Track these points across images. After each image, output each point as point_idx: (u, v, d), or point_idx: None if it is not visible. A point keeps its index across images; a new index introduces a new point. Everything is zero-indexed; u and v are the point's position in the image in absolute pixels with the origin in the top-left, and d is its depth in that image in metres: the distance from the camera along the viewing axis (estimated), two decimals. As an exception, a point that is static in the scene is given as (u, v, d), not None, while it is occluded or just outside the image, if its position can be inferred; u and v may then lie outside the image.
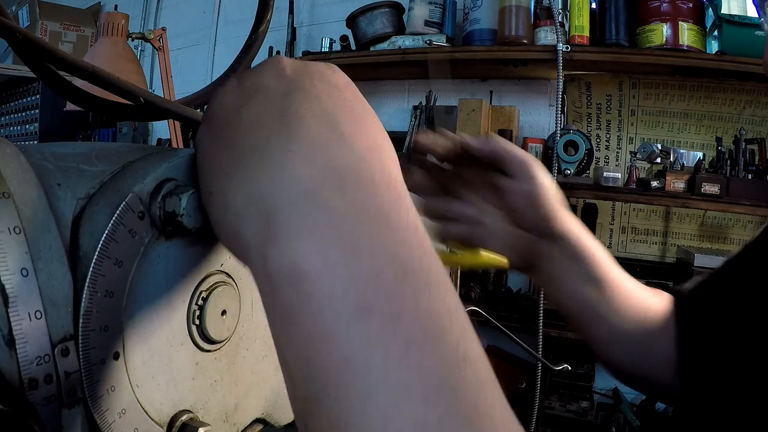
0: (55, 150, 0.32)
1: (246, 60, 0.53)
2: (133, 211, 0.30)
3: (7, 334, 0.25)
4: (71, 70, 0.37)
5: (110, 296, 0.29)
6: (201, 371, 0.36)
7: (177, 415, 0.34)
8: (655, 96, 2.17)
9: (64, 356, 0.27)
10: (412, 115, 2.34)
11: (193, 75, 3.18)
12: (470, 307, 0.73)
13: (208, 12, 3.25)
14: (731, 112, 2.10)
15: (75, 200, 0.30)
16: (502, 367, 2.19)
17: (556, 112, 1.95)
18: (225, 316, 0.37)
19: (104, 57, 1.69)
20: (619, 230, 2.27)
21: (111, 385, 0.29)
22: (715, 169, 1.86)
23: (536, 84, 2.34)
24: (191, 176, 0.34)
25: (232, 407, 0.39)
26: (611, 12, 1.94)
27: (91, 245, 0.29)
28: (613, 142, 2.24)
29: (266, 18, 0.53)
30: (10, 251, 0.25)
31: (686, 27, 1.85)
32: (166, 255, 0.33)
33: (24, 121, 3.43)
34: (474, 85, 2.44)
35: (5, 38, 0.36)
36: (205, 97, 0.54)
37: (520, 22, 2.02)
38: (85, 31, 3.39)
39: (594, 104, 2.25)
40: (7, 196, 0.26)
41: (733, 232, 2.14)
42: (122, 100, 0.41)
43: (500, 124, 2.21)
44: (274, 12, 0.56)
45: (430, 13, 2.23)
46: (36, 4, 3.20)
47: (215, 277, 0.37)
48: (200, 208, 0.32)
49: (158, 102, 0.41)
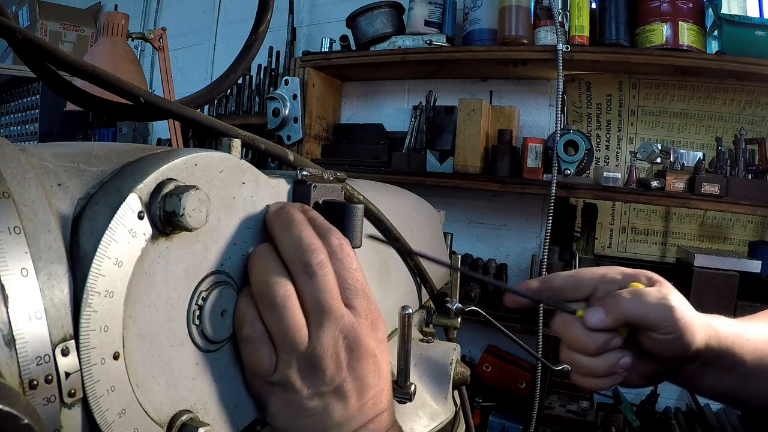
0: (55, 150, 0.32)
1: (246, 60, 0.53)
2: (133, 211, 0.30)
3: (7, 334, 0.25)
4: (71, 70, 0.37)
5: (110, 296, 0.29)
6: (201, 371, 0.36)
7: (177, 415, 0.34)
8: (655, 96, 2.17)
9: (64, 356, 0.27)
10: (412, 115, 2.34)
11: (193, 75, 3.18)
12: (470, 307, 0.73)
13: (208, 12, 3.25)
14: (731, 112, 2.10)
15: (75, 200, 0.30)
16: (502, 367, 2.19)
17: (556, 112, 1.95)
18: (225, 316, 0.37)
19: (104, 57, 1.69)
20: (619, 230, 2.27)
21: (111, 385, 0.29)
22: (715, 169, 1.86)
23: (536, 84, 2.34)
24: (191, 176, 0.34)
25: (232, 407, 0.39)
26: (611, 12, 1.94)
27: (91, 245, 0.29)
28: (613, 142, 2.24)
29: (266, 18, 0.53)
30: (10, 251, 0.25)
31: (686, 27, 1.85)
32: (166, 255, 0.33)
33: (24, 121, 3.43)
34: (474, 85, 2.44)
35: (5, 38, 0.36)
36: (205, 97, 0.54)
37: (520, 22, 2.02)
38: (85, 31, 3.39)
39: (594, 104, 2.25)
40: (7, 196, 0.26)
41: (733, 232, 2.14)
42: (122, 100, 0.41)
43: (500, 124, 2.21)
44: (274, 12, 0.56)
45: (430, 13, 2.23)
46: (36, 4, 3.20)
47: (215, 277, 0.37)
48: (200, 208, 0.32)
49: (158, 102, 0.41)
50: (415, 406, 0.58)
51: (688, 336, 0.52)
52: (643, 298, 0.52)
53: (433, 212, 0.86)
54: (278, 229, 0.40)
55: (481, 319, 0.75)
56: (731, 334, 0.56)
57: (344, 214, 0.44)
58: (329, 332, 0.38)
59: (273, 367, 0.38)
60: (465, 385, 0.68)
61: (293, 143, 2.40)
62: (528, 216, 2.36)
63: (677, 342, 0.52)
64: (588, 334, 0.53)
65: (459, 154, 2.11)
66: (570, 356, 0.55)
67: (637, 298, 0.52)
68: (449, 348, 0.66)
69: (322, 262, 0.38)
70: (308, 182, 0.44)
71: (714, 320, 0.56)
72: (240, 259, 0.39)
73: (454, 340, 0.77)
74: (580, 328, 0.53)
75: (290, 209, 0.40)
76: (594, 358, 0.54)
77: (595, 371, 0.54)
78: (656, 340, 0.52)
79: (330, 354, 0.38)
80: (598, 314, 0.53)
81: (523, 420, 2.01)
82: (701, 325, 0.54)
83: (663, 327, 0.51)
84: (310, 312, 0.38)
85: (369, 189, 0.63)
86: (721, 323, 0.57)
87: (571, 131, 1.91)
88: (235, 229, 0.38)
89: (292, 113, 2.38)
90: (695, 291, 1.77)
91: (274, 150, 0.46)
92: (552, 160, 1.92)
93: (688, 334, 0.52)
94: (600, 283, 0.56)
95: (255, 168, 0.40)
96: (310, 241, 0.39)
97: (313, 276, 0.38)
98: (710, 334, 0.54)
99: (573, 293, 0.57)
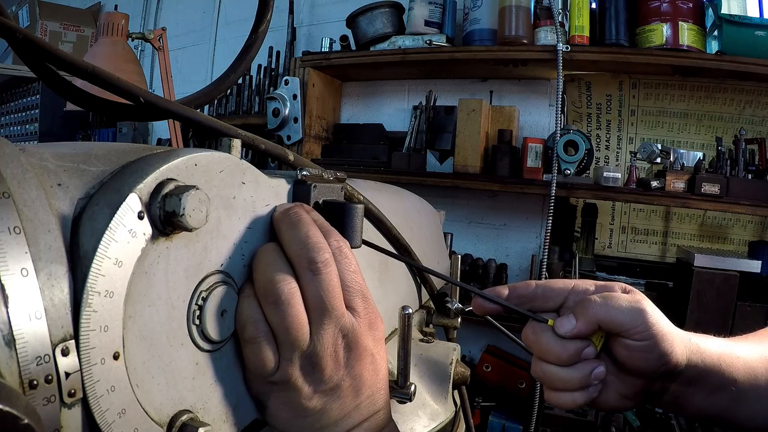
0: (55, 150, 0.32)
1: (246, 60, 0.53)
2: (133, 211, 0.30)
3: (7, 334, 0.25)
4: (71, 70, 0.37)
5: (110, 296, 0.29)
6: (201, 371, 0.36)
7: (177, 415, 0.34)
8: (655, 96, 2.17)
9: (64, 356, 0.27)
10: (412, 115, 2.34)
11: (193, 75, 3.18)
12: (470, 307, 0.73)
13: (208, 12, 3.26)
14: (731, 112, 2.10)
15: (75, 200, 0.30)
16: (502, 367, 2.19)
17: (556, 112, 1.95)
18: (225, 316, 0.37)
19: (104, 57, 1.69)
20: (619, 230, 2.27)
21: (111, 385, 0.29)
22: (715, 169, 1.86)
23: (536, 84, 2.34)
24: (191, 176, 0.34)
25: (232, 407, 0.39)
26: (611, 12, 1.94)
27: (91, 245, 0.29)
28: (613, 142, 2.24)
29: (266, 18, 0.53)
30: (10, 251, 0.25)
31: (686, 27, 1.85)
32: (166, 255, 0.33)
33: (24, 121, 3.43)
34: (474, 85, 2.44)
35: (5, 38, 0.36)
36: (205, 97, 0.54)
37: (520, 22, 2.02)
38: (85, 31, 3.39)
39: (594, 104, 2.25)
40: (7, 196, 0.26)
41: (733, 232, 2.14)
42: (122, 100, 0.41)
43: (500, 124, 2.21)
44: (274, 12, 0.56)
45: (430, 13, 2.23)
46: (36, 4, 3.20)
47: (215, 277, 0.37)
48: (200, 208, 0.32)
49: (158, 102, 0.41)
50: (415, 406, 0.58)
51: (665, 345, 0.50)
52: (613, 301, 0.51)
53: (433, 212, 0.86)
54: (286, 227, 0.40)
55: (481, 319, 0.75)
56: (717, 352, 0.54)
57: (344, 214, 0.44)
58: (329, 331, 0.39)
59: (275, 367, 0.38)
60: (465, 385, 0.68)
61: (293, 143, 2.40)
62: (528, 216, 2.36)
63: (653, 351, 0.50)
64: (560, 342, 0.51)
65: (459, 154, 2.11)
66: (541, 368, 0.53)
67: (608, 302, 0.51)
68: (449, 348, 0.66)
69: (327, 260, 0.39)
70: (308, 182, 0.44)
71: (696, 337, 0.55)
72: (240, 259, 0.39)
73: (454, 340, 0.77)
74: (551, 337, 0.52)
75: (298, 209, 0.41)
76: (567, 369, 0.52)
77: (568, 383, 0.52)
78: (631, 347, 0.51)
79: (329, 353, 0.39)
80: (569, 321, 0.51)
81: (523, 420, 2.01)
82: (680, 339, 0.52)
83: (636, 331, 0.50)
84: (311, 310, 0.38)
85: (369, 189, 0.63)
86: (704, 340, 0.55)
87: (571, 131, 1.91)
88: (235, 229, 0.38)
89: (292, 113, 2.39)
90: (695, 291, 1.77)
91: (274, 150, 0.46)
92: (552, 160, 1.92)
93: (665, 342, 0.50)
94: (571, 293, 0.54)
95: (255, 168, 0.40)
96: (316, 240, 0.39)
97: (317, 273, 0.38)
98: (692, 350, 0.53)
99: (542, 303, 0.55)
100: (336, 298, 0.39)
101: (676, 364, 0.51)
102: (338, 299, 0.39)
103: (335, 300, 0.39)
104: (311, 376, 0.39)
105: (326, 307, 0.38)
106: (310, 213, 0.42)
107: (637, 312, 0.50)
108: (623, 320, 0.50)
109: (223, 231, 0.37)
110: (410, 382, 0.52)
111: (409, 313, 0.51)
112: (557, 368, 0.52)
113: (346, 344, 0.40)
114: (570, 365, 0.52)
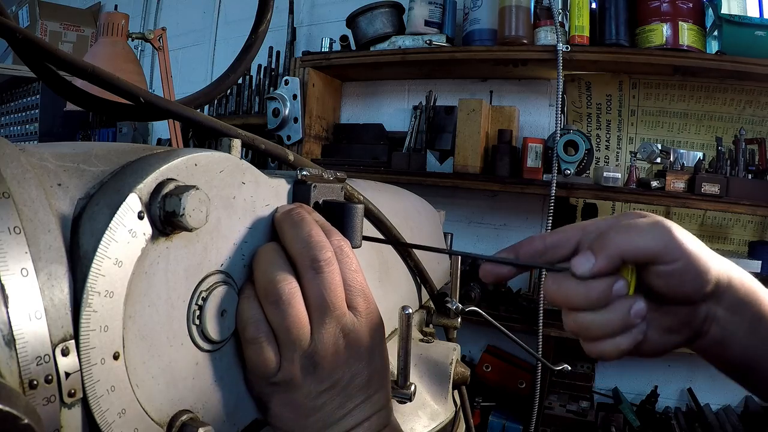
0: (55, 150, 0.32)
1: (246, 60, 0.53)
2: (133, 211, 0.30)
3: (7, 334, 0.25)
4: (71, 70, 0.37)
5: (110, 296, 0.29)
6: (201, 371, 0.36)
7: (177, 415, 0.34)
8: (655, 96, 2.17)
9: (64, 356, 0.27)
10: (412, 115, 2.34)
11: (193, 75, 3.18)
12: (470, 307, 0.73)
13: (208, 12, 3.25)
14: (731, 112, 2.10)
15: (75, 200, 0.30)
16: (502, 367, 2.19)
17: (556, 112, 1.95)
18: (225, 316, 0.37)
19: (104, 57, 1.69)
20: (619, 230, 2.27)
21: (111, 385, 0.29)
22: (715, 169, 1.86)
23: (536, 84, 2.34)
24: (191, 176, 0.34)
25: (232, 407, 0.39)
26: (611, 12, 1.94)
27: (91, 245, 0.29)
28: (613, 142, 2.24)
29: (266, 18, 0.53)
30: (10, 251, 0.25)
31: (686, 27, 1.85)
32: (166, 255, 0.33)
33: (24, 121, 3.43)
34: (474, 85, 2.44)
35: (5, 38, 0.36)
36: (205, 97, 0.54)
37: (520, 22, 2.02)
38: (85, 31, 3.39)
39: (594, 104, 2.24)
40: (7, 196, 0.26)
41: (733, 232, 2.14)
42: (122, 100, 0.41)
43: (500, 124, 2.21)
44: (274, 12, 0.56)
45: (430, 13, 2.23)
46: (36, 4, 3.20)
47: (215, 277, 0.37)
48: (200, 208, 0.32)
49: (158, 102, 0.41)
50: (415, 406, 0.58)
51: (701, 263, 0.44)
52: (633, 228, 0.45)
53: (433, 212, 0.86)
54: (288, 226, 0.40)
55: (481, 319, 0.75)
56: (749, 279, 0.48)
57: (344, 214, 0.44)
58: (331, 330, 0.39)
59: (277, 368, 0.38)
60: (465, 385, 0.68)
61: (293, 143, 2.40)
62: (528, 216, 2.36)
63: (689, 270, 0.44)
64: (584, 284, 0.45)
65: (459, 154, 2.11)
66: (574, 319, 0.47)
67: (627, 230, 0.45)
68: (449, 348, 0.66)
69: (330, 259, 0.39)
70: (308, 182, 0.44)
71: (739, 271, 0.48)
72: (240, 259, 0.39)
73: (454, 340, 0.77)
74: (573, 281, 0.45)
75: (300, 209, 0.41)
76: (601, 312, 0.45)
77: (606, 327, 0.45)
78: (664, 274, 0.44)
79: (331, 352, 0.39)
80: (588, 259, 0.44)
81: (523, 420, 2.01)
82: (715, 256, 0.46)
83: (665, 253, 0.44)
84: (313, 309, 0.38)
85: (369, 189, 0.63)
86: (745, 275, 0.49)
87: (571, 131, 1.91)
88: (235, 229, 0.38)
89: (292, 113, 2.39)
90: (695, 291, 1.76)
91: (274, 150, 0.46)
92: (552, 160, 1.92)
93: (701, 260, 0.44)
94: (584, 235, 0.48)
95: (255, 168, 0.40)
96: (319, 239, 0.39)
97: (320, 272, 0.38)
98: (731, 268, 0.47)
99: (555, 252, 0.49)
100: (338, 296, 0.39)
101: (717, 281, 0.46)
102: (340, 298, 0.39)
103: (337, 298, 0.39)
104: (313, 376, 0.39)
105: (328, 305, 0.38)
106: (311, 214, 0.42)
107: (661, 232, 0.45)
108: (649, 245, 0.44)
109: (223, 231, 0.37)
110: (410, 382, 0.52)
111: (409, 313, 0.51)
112: (590, 314, 0.46)
113: (347, 343, 0.40)
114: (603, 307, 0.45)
